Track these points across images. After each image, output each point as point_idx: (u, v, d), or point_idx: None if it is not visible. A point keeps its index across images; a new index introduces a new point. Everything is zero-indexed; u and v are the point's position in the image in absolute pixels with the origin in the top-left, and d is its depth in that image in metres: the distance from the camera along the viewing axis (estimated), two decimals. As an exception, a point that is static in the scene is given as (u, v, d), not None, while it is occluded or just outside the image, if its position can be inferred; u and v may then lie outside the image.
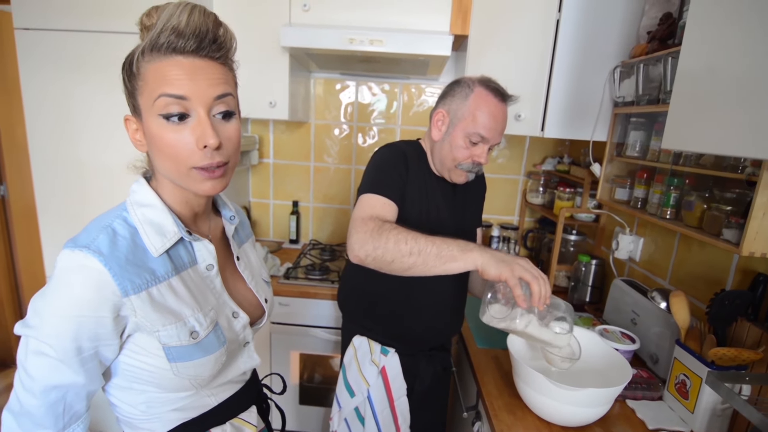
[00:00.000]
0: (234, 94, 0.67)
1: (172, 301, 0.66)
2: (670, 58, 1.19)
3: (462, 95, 1.13)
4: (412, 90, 2.17)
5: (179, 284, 0.68)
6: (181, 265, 0.69)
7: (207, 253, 0.73)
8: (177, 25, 0.59)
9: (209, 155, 0.63)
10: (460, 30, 1.65)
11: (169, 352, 0.65)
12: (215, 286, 0.74)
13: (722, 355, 0.98)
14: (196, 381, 0.69)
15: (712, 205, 1.08)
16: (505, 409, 1.08)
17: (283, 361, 1.85)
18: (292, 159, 2.29)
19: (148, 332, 0.64)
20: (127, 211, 0.67)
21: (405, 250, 0.92)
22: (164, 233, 0.67)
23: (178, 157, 0.63)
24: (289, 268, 1.91)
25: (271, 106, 1.80)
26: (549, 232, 2.05)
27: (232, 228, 0.83)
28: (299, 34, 1.60)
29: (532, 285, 0.86)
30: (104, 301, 0.60)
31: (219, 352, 0.70)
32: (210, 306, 0.71)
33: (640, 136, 1.40)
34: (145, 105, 0.62)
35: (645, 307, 1.33)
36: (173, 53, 0.60)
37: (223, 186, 0.67)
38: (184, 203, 0.72)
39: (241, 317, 0.77)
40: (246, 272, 0.83)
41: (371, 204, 1.08)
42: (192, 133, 0.62)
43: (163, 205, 0.68)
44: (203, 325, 0.69)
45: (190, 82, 0.60)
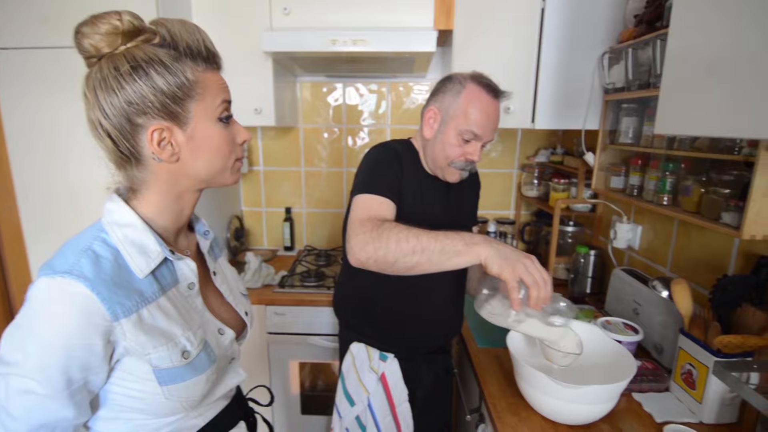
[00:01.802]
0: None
1: (163, 322, 0.64)
2: (658, 41, 1.16)
3: (454, 92, 1.10)
4: (399, 89, 2.14)
5: (167, 304, 0.66)
6: (165, 284, 0.67)
7: (189, 272, 0.71)
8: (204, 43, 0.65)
9: (242, 148, 0.73)
10: (444, 25, 1.63)
11: (160, 375, 0.63)
12: (197, 305, 0.72)
13: (728, 342, 0.95)
14: (188, 402, 0.67)
15: (709, 188, 1.06)
16: (508, 410, 1.05)
17: (282, 371, 1.81)
18: (283, 165, 2.26)
19: (137, 356, 0.61)
20: (106, 232, 0.64)
21: (407, 248, 0.88)
22: (148, 253, 0.64)
23: (228, 153, 0.69)
24: (284, 276, 1.88)
25: (256, 112, 1.77)
26: (546, 224, 2.02)
27: (207, 243, 0.81)
28: (281, 38, 1.58)
29: (531, 290, 0.82)
30: (94, 328, 0.57)
31: (210, 370, 0.69)
32: (197, 324, 0.69)
33: (632, 123, 1.37)
34: (203, 110, 0.65)
35: (646, 297, 1.31)
36: (215, 67, 0.67)
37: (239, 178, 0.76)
38: (176, 215, 0.70)
39: (228, 333, 0.75)
40: (223, 287, 0.81)
41: (368, 204, 1.04)
42: (236, 131, 0.70)
43: (143, 225, 0.66)
44: (194, 344, 0.66)
45: (227, 88, 0.69)
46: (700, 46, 0.79)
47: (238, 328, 0.80)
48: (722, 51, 0.73)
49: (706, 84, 0.76)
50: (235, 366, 0.79)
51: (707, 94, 0.76)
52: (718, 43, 0.74)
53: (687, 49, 0.82)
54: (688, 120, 0.80)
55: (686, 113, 0.81)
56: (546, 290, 0.83)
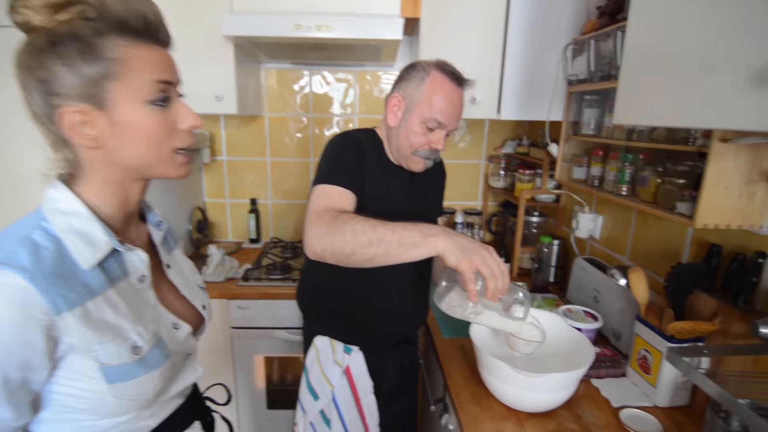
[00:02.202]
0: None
1: (111, 316, 0.59)
2: (619, 33, 1.17)
3: (418, 79, 1.08)
4: (367, 77, 2.10)
5: (116, 297, 0.61)
6: (114, 276, 0.62)
7: (140, 264, 0.66)
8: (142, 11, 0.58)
9: (189, 136, 0.64)
10: (411, 12, 1.60)
11: (108, 373, 0.59)
12: (149, 299, 0.67)
13: (680, 328, 0.98)
14: (139, 402, 0.63)
15: (665, 179, 1.08)
16: (471, 400, 1.06)
17: (247, 366, 1.77)
18: (247, 155, 2.19)
19: (82, 353, 0.57)
20: (47, 221, 0.59)
21: (364, 240, 0.86)
22: (94, 243, 0.60)
23: (163, 142, 0.61)
24: (248, 269, 1.83)
25: (217, 99, 1.70)
26: (512, 215, 2.04)
27: (160, 234, 0.76)
28: (241, 21, 1.51)
29: (487, 281, 0.82)
30: (32, 322, 0.53)
31: (164, 366, 0.65)
32: (149, 319, 0.65)
33: (594, 114, 1.39)
34: (128, 92, 0.58)
35: (606, 285, 1.34)
36: (149, 41, 0.59)
37: (190, 170, 0.68)
38: (121, 203, 0.65)
39: (183, 328, 0.72)
40: (178, 280, 0.76)
41: (326, 195, 1.02)
42: (175, 115, 0.62)
43: (89, 213, 0.61)
44: (145, 338, 0.62)
45: (170, 67, 0.62)
46: (656, 38, 0.80)
47: (194, 323, 0.77)
48: (676, 42, 0.74)
49: (661, 75, 0.77)
50: (191, 362, 0.75)
51: (662, 86, 0.77)
52: (672, 35, 0.75)
53: (643, 42, 0.83)
54: (644, 110, 0.81)
55: (642, 104, 0.82)
56: (503, 281, 0.82)
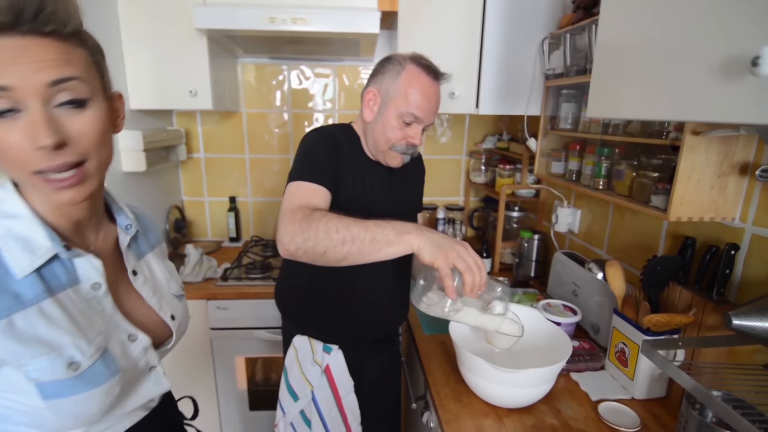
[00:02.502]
0: (85, 77, 0.54)
1: (44, 329, 0.55)
2: (594, 27, 1.17)
3: (393, 73, 1.06)
4: (347, 72, 2.08)
5: (53, 308, 0.56)
6: (57, 285, 0.58)
7: (92, 270, 0.62)
8: None
9: (48, 156, 0.51)
10: (389, 6, 1.58)
11: (43, 389, 0.55)
12: (104, 308, 0.63)
13: (656, 321, 0.98)
14: (82, 419, 0.59)
15: (640, 172, 1.09)
16: (451, 397, 1.05)
17: (228, 367, 1.74)
18: (225, 152, 2.15)
19: (13, 367, 0.54)
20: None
21: (337, 238, 0.84)
22: (33, 249, 0.56)
23: (16, 161, 0.51)
24: (227, 268, 1.80)
25: (191, 95, 1.66)
26: (493, 210, 2.04)
27: (127, 239, 0.71)
28: (214, 14, 1.47)
29: (465, 276, 0.81)
30: None
31: (109, 383, 0.59)
32: (96, 331, 0.60)
33: (571, 108, 1.39)
34: None
35: (584, 279, 1.35)
36: None
37: (85, 192, 0.57)
38: (59, 212, 0.60)
39: (140, 339, 0.67)
40: (145, 288, 0.72)
41: (300, 192, 0.99)
42: (23, 131, 0.50)
43: (32, 216, 0.57)
44: (86, 353, 0.57)
45: (11, 67, 0.48)
46: (626, 31, 0.80)
47: (162, 334, 0.73)
48: (647, 36, 0.74)
49: (632, 68, 0.77)
50: (155, 375, 0.70)
51: (633, 79, 0.77)
52: (643, 28, 0.75)
53: (614, 35, 0.83)
54: (617, 103, 0.81)
55: (615, 97, 0.82)
56: (480, 276, 0.82)
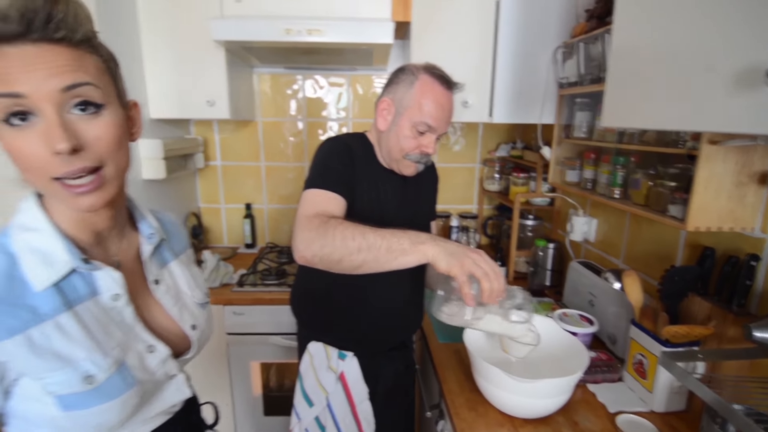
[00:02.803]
0: (98, 83, 0.54)
1: (60, 343, 0.55)
2: (607, 36, 1.17)
3: (407, 83, 1.08)
4: (360, 82, 2.10)
5: (70, 321, 0.57)
6: (75, 298, 0.58)
7: (111, 282, 0.62)
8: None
9: (66, 162, 0.51)
10: (402, 16, 1.60)
11: (61, 401, 0.55)
12: (124, 318, 0.63)
13: (675, 332, 0.97)
14: (102, 429, 0.60)
15: (657, 181, 1.08)
16: (466, 406, 1.05)
17: (243, 372, 1.76)
18: (242, 160, 2.18)
19: (32, 378, 0.55)
20: (8, 236, 0.56)
21: (353, 246, 0.85)
22: (51, 263, 0.56)
23: (33, 168, 0.52)
24: (243, 274, 1.82)
25: (209, 104, 1.70)
26: (508, 218, 2.03)
27: (150, 248, 0.71)
28: (231, 26, 1.51)
29: (482, 282, 0.81)
30: None
31: (126, 395, 0.60)
32: (114, 343, 0.60)
33: (585, 117, 1.39)
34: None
35: (601, 288, 1.33)
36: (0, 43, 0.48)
37: (104, 199, 0.56)
38: (81, 222, 0.60)
39: (159, 351, 0.67)
40: (166, 297, 0.72)
41: (315, 200, 1.01)
42: (40, 137, 0.50)
43: (52, 229, 0.57)
44: (102, 367, 0.58)
45: (25, 74, 0.49)
46: (641, 40, 0.80)
47: (182, 344, 0.73)
48: (662, 45, 0.74)
49: (648, 78, 0.77)
50: (176, 382, 0.71)
51: (649, 88, 0.77)
52: (658, 38, 0.75)
53: (629, 44, 0.83)
54: (632, 113, 0.81)
55: (629, 106, 0.82)
56: (498, 282, 0.82)
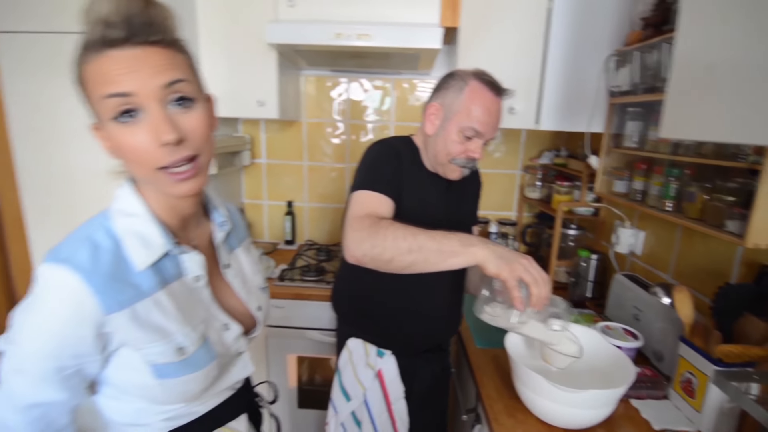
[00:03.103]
0: (190, 79, 0.59)
1: (158, 318, 0.62)
2: (664, 45, 1.14)
3: (456, 88, 1.09)
4: (404, 85, 2.12)
5: (165, 298, 0.64)
6: (168, 277, 0.65)
7: (195, 264, 0.69)
8: (101, 15, 0.53)
9: (172, 151, 0.56)
10: (450, 22, 1.61)
11: (156, 369, 0.62)
12: (203, 299, 0.70)
13: (728, 351, 0.94)
14: (186, 396, 0.67)
15: (713, 195, 1.05)
16: (505, 412, 1.05)
17: (280, 364, 1.81)
18: (285, 159, 2.25)
19: (133, 348, 0.61)
20: (110, 220, 0.63)
21: (404, 247, 0.87)
22: (150, 245, 0.63)
23: (141, 160, 0.57)
24: (284, 269, 1.88)
25: (259, 105, 1.76)
26: (548, 227, 2.00)
27: (222, 235, 0.77)
28: (285, 30, 1.56)
29: (531, 288, 0.82)
30: (85, 320, 0.57)
31: (209, 367, 0.67)
32: (199, 319, 0.67)
33: (637, 126, 1.36)
34: (98, 111, 0.57)
35: (647, 303, 1.30)
36: (107, 47, 0.54)
37: (199, 185, 0.62)
38: (171, 209, 0.67)
39: (233, 329, 0.74)
40: (236, 280, 0.78)
41: (366, 201, 1.04)
42: (148, 131, 0.55)
43: (149, 214, 0.64)
44: (191, 340, 0.65)
45: (132, 74, 0.54)
46: (707, 50, 0.78)
47: (249, 323, 0.79)
48: (728, 55, 0.72)
49: (713, 88, 0.75)
50: (243, 359, 0.77)
51: (713, 99, 0.75)
52: (724, 48, 0.73)
53: (693, 53, 0.81)
54: (694, 124, 0.79)
55: (691, 118, 0.80)
56: (546, 288, 0.82)
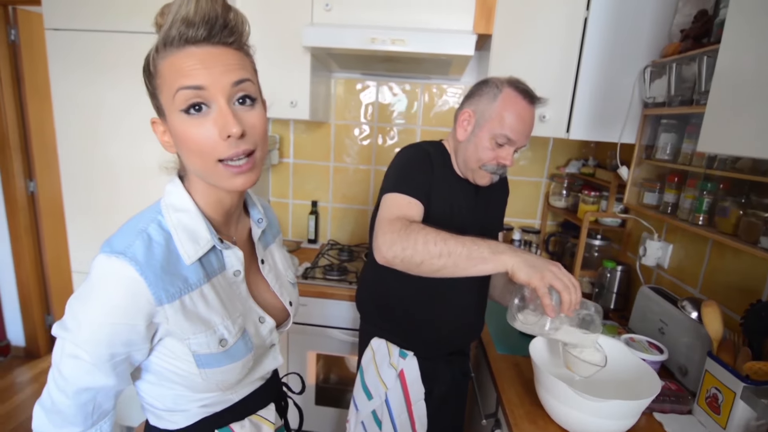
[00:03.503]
0: (253, 80, 0.64)
1: (203, 309, 0.66)
2: (705, 57, 1.14)
3: (490, 96, 1.10)
4: (433, 90, 2.14)
5: (210, 291, 0.67)
6: (212, 271, 0.68)
7: (235, 260, 0.72)
8: (186, 15, 0.57)
9: (234, 144, 0.60)
10: (484, 29, 1.63)
11: (199, 359, 0.66)
12: (241, 292, 0.73)
13: (758, 369, 0.92)
14: (223, 385, 0.70)
15: (748, 211, 1.04)
16: (526, 419, 1.05)
17: (301, 360, 1.85)
18: (312, 159, 2.29)
19: (178, 338, 0.64)
20: (162, 215, 0.66)
21: (434, 251, 0.89)
22: (197, 240, 0.66)
23: (203, 152, 0.60)
24: (307, 268, 1.91)
25: (292, 105, 1.81)
26: (572, 236, 1.99)
27: (259, 231, 0.81)
28: (321, 33, 1.60)
29: (563, 294, 0.83)
30: (139, 310, 0.60)
31: (246, 358, 0.70)
32: (238, 312, 0.71)
33: (671, 139, 1.35)
34: (167, 103, 0.61)
35: (674, 317, 1.28)
36: (186, 44, 0.58)
37: (253, 179, 0.64)
38: (217, 204, 0.70)
39: (268, 322, 0.77)
40: (270, 275, 0.82)
41: (397, 204, 1.05)
42: (214, 124, 0.59)
43: (197, 210, 0.67)
44: (232, 332, 0.68)
45: (206, 70, 0.58)
46: (751, 63, 0.78)
47: (281, 317, 0.82)
48: (776, 72, 0.72)
49: (756, 103, 0.75)
50: (274, 351, 0.81)
51: (756, 114, 0.75)
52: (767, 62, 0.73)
53: (737, 67, 0.81)
54: (734, 139, 0.79)
55: (731, 132, 0.80)
56: (577, 294, 0.84)
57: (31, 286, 2.62)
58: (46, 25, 1.59)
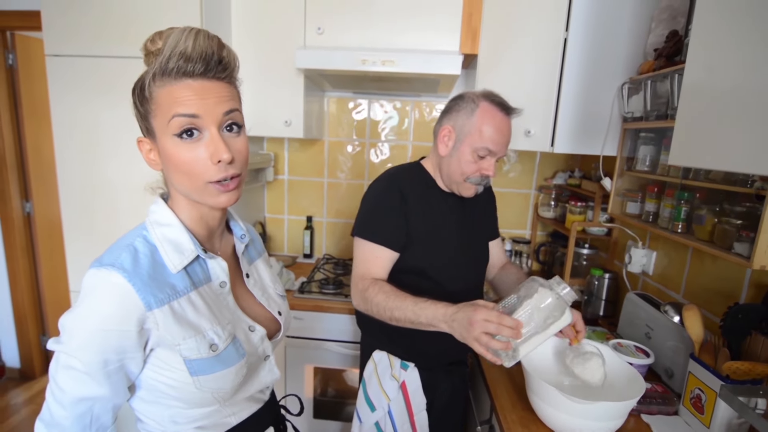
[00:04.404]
0: (240, 110, 0.70)
1: (192, 315, 0.69)
2: (676, 75, 1.21)
3: (467, 111, 1.15)
4: (423, 107, 2.21)
5: (197, 298, 0.70)
6: (198, 281, 0.72)
7: (220, 271, 0.75)
8: (184, 50, 0.63)
9: (223, 169, 0.66)
10: (470, 49, 1.70)
11: (191, 366, 0.68)
12: (228, 303, 0.76)
13: (736, 368, 0.97)
14: (219, 394, 0.71)
15: (722, 219, 1.09)
16: (519, 423, 1.09)
17: (298, 374, 1.87)
18: (306, 175, 2.34)
19: (169, 347, 0.67)
20: (147, 231, 0.70)
21: (386, 316, 1.09)
22: (182, 251, 0.70)
23: (194, 174, 0.65)
24: (303, 282, 1.95)
25: (286, 125, 1.86)
26: (561, 245, 2.05)
27: (242, 246, 0.85)
28: (314, 56, 1.66)
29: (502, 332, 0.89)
30: (129, 315, 0.63)
31: (239, 364, 0.72)
32: (227, 320, 0.73)
33: (649, 151, 1.41)
34: (159, 126, 0.65)
35: (658, 321, 1.33)
36: (183, 77, 0.64)
37: (236, 197, 0.70)
38: (200, 220, 0.74)
39: (258, 330, 0.79)
40: (256, 289, 0.85)
41: (364, 256, 1.18)
42: (206, 149, 0.65)
43: (180, 224, 0.71)
44: (222, 337, 0.71)
45: (201, 101, 0.64)
46: (715, 82, 0.84)
47: (272, 328, 0.84)
48: (736, 88, 0.78)
49: (719, 119, 0.81)
50: (269, 364, 0.82)
51: (720, 129, 0.81)
52: (732, 81, 0.79)
53: (702, 84, 0.87)
54: (701, 153, 0.85)
55: (699, 146, 0.86)
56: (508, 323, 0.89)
57: (26, 307, 2.62)
58: (47, 51, 1.63)
